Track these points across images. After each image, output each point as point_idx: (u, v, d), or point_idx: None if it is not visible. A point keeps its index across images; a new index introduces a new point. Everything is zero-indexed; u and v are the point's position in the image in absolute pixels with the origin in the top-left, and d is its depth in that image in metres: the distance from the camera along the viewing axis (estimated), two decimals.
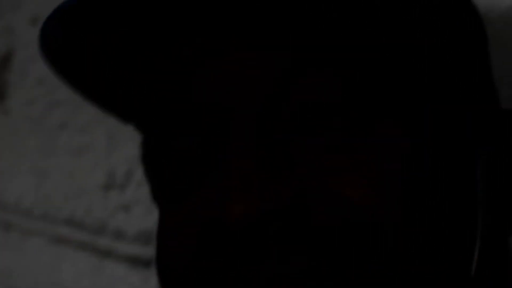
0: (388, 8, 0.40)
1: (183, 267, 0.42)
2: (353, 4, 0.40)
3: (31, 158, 0.85)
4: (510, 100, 0.51)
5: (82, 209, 0.81)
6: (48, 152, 0.84)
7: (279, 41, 0.40)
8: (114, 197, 0.79)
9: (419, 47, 0.42)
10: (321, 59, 0.40)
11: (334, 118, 0.40)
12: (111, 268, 0.78)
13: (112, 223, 0.79)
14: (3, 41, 0.88)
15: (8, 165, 0.88)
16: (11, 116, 0.87)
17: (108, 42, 0.42)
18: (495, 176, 0.44)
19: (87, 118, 0.81)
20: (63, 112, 0.82)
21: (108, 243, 0.79)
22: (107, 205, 0.80)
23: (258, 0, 0.39)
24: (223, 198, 0.39)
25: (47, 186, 0.85)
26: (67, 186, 0.83)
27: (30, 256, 0.86)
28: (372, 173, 0.40)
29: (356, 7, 0.40)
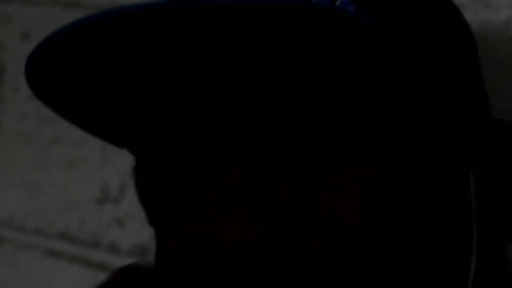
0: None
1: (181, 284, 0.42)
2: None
3: (23, 172, 0.85)
4: (505, 112, 0.51)
5: (76, 223, 0.81)
6: (40, 167, 0.84)
7: (262, 69, 0.41)
8: (108, 211, 0.79)
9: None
10: (303, 84, 0.41)
11: (319, 140, 0.41)
12: None
13: (106, 237, 0.79)
14: None
15: (0, 179, 0.88)
16: (3, 130, 0.87)
17: (97, 73, 0.42)
18: (490, 183, 0.43)
19: (80, 132, 0.80)
20: (55, 127, 0.82)
21: (103, 257, 0.79)
22: (101, 219, 0.80)
23: (242, 36, 0.40)
24: (214, 224, 0.39)
25: (40, 200, 0.85)
26: (60, 200, 0.83)
27: (24, 269, 0.86)
28: (361, 189, 0.40)
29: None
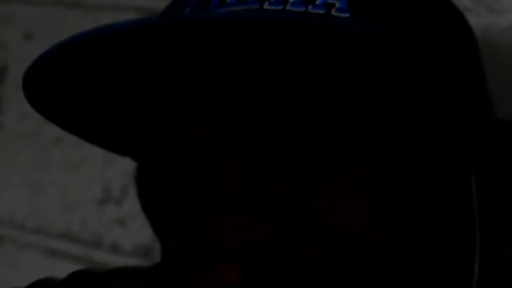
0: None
1: None
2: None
3: (25, 173, 0.85)
4: (509, 116, 0.51)
5: (78, 223, 0.81)
6: (42, 167, 0.84)
7: (259, 81, 0.41)
8: (110, 211, 0.79)
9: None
10: (301, 92, 0.41)
11: (318, 146, 0.41)
12: None
13: (108, 237, 0.79)
14: None
15: (1, 179, 0.88)
16: (5, 131, 0.87)
17: (96, 84, 0.43)
18: (491, 184, 0.44)
19: None
20: (57, 127, 0.82)
21: (104, 257, 0.79)
22: (103, 219, 0.80)
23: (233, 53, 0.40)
24: (214, 225, 0.40)
25: (41, 200, 0.85)
26: (62, 200, 0.83)
27: (24, 269, 0.86)
28: (361, 193, 0.40)
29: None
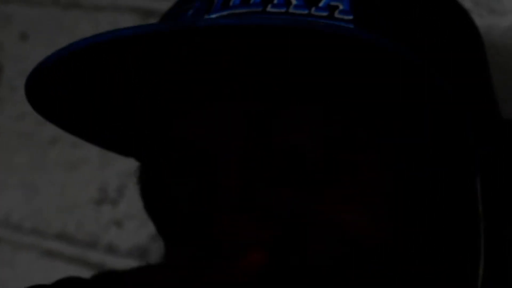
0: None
1: None
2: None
3: (21, 173, 0.85)
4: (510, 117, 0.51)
5: (74, 223, 0.81)
6: (39, 167, 0.84)
7: (254, 83, 0.41)
8: (107, 211, 0.79)
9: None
10: (301, 95, 0.41)
11: (319, 147, 0.41)
12: None
13: (104, 238, 0.79)
14: None
15: None
16: (1, 131, 0.87)
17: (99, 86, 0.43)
18: (495, 179, 0.44)
19: None
20: (54, 127, 0.81)
21: (101, 258, 0.79)
22: (99, 219, 0.80)
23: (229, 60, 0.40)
24: (215, 226, 0.40)
25: (37, 201, 0.85)
26: (58, 200, 0.83)
27: (21, 270, 0.86)
28: (363, 195, 0.40)
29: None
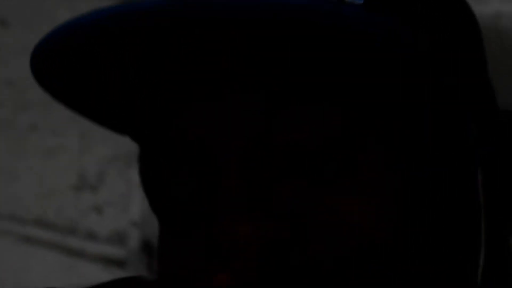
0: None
1: None
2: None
3: (0, 160, 0.85)
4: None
5: (53, 209, 0.82)
6: (18, 154, 0.84)
7: (254, 82, 0.41)
8: (86, 198, 0.80)
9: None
10: (297, 95, 0.41)
11: (321, 146, 0.41)
12: (83, 267, 0.79)
13: (83, 224, 0.80)
14: None
15: None
16: None
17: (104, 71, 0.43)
18: (496, 178, 0.44)
19: (58, 119, 0.81)
20: (33, 114, 0.82)
21: (80, 243, 0.79)
22: (78, 206, 0.80)
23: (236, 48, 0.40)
24: (222, 226, 0.39)
25: (16, 187, 0.85)
26: (37, 187, 0.83)
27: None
28: (365, 193, 0.40)
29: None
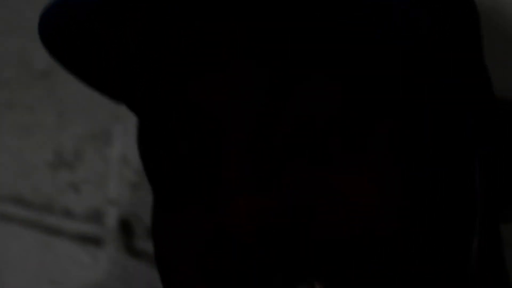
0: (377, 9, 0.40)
1: (193, 271, 0.42)
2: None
3: None
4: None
5: (30, 187, 0.81)
6: None
7: (270, 54, 0.40)
8: (63, 176, 0.79)
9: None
10: (315, 67, 0.40)
11: (333, 125, 0.41)
12: (60, 246, 0.78)
13: (60, 202, 0.79)
14: None
15: None
16: None
17: (114, 33, 0.42)
18: (494, 174, 0.45)
19: (35, 97, 0.80)
20: (9, 92, 0.81)
21: (57, 222, 0.79)
22: (55, 183, 0.79)
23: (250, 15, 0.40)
24: (225, 199, 0.40)
25: None
26: (14, 165, 0.82)
27: None
28: (376, 175, 0.40)
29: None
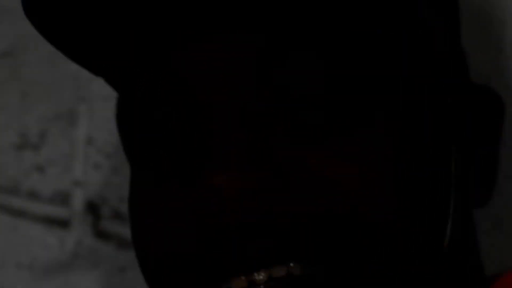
0: None
1: (169, 249, 0.42)
2: None
3: None
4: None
5: None
6: None
7: (256, 23, 0.40)
8: (28, 157, 0.78)
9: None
10: (301, 41, 0.40)
11: (318, 104, 0.40)
12: (26, 228, 0.78)
13: (26, 183, 0.78)
14: None
15: None
16: None
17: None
18: (467, 161, 0.46)
19: None
20: None
21: (22, 203, 0.78)
22: (20, 165, 0.79)
23: None
24: (207, 174, 0.39)
25: None
26: None
27: None
28: (358, 157, 0.40)
29: None
